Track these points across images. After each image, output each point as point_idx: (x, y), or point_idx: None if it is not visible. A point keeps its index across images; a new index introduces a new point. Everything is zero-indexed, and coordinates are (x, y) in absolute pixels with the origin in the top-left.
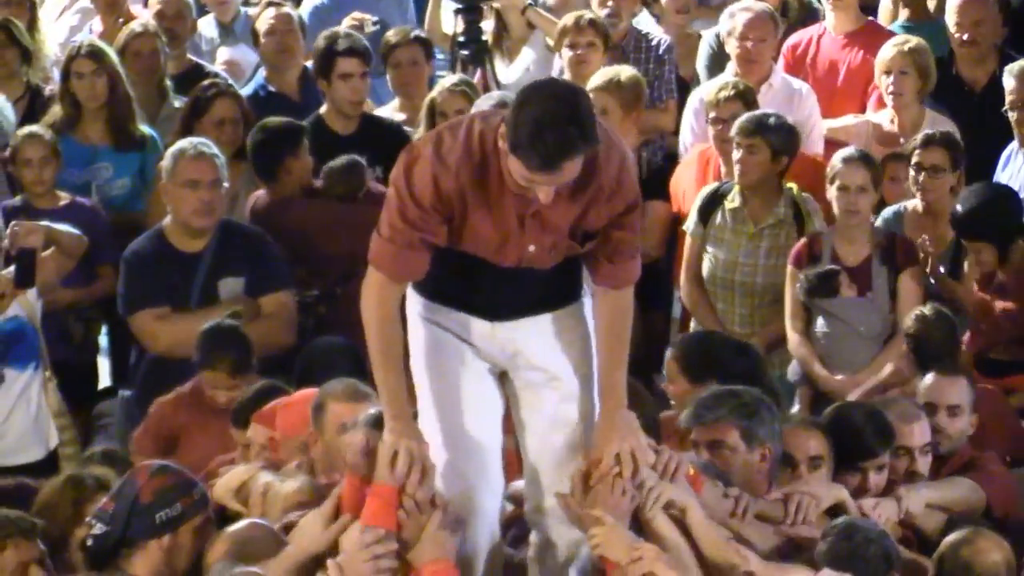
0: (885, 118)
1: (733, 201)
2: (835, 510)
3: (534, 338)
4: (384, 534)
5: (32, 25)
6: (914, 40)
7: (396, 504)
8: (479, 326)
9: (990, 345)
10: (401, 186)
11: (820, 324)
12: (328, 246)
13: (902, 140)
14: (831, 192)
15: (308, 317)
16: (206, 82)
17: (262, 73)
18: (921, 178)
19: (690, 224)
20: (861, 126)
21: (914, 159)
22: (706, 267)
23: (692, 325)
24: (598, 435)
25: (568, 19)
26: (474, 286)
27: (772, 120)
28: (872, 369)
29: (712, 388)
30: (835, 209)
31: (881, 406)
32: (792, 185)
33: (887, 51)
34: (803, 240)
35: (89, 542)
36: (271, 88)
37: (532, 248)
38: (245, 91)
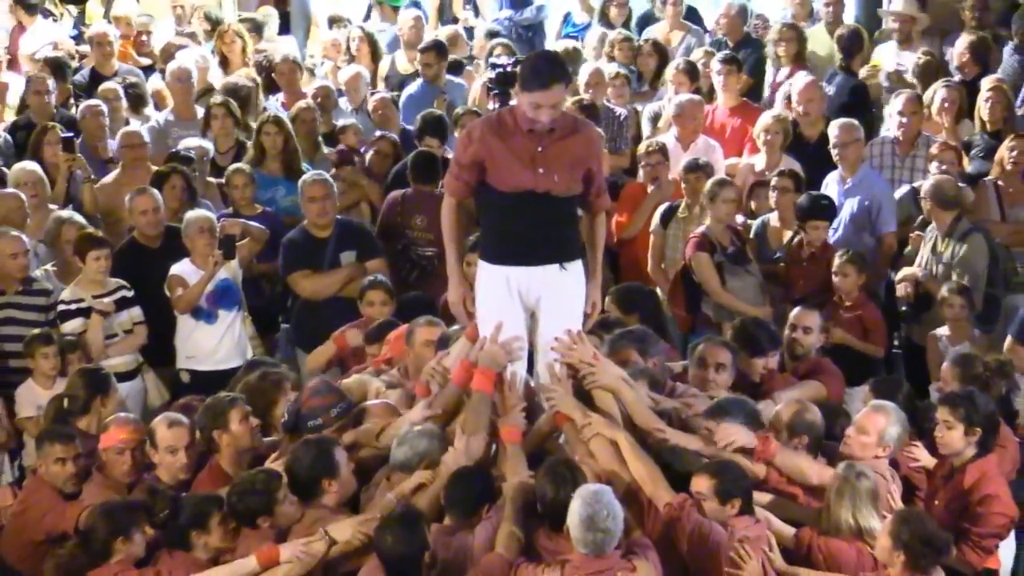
0: (757, 160)
1: (684, 213)
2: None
3: (553, 287)
4: (487, 395)
5: (256, 101)
6: (783, 113)
7: (494, 380)
8: (519, 275)
9: (802, 295)
10: (455, 144)
11: (732, 281)
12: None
13: (767, 174)
14: (718, 204)
15: (413, 269)
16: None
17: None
18: (775, 196)
19: (654, 226)
20: (744, 166)
21: (773, 183)
22: (667, 253)
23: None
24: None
25: None
26: (514, 234)
27: (707, 167)
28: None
29: (619, 331)
30: (718, 213)
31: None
32: None
33: (766, 119)
34: (699, 232)
35: (283, 419)
36: None
37: (542, 170)
38: None
